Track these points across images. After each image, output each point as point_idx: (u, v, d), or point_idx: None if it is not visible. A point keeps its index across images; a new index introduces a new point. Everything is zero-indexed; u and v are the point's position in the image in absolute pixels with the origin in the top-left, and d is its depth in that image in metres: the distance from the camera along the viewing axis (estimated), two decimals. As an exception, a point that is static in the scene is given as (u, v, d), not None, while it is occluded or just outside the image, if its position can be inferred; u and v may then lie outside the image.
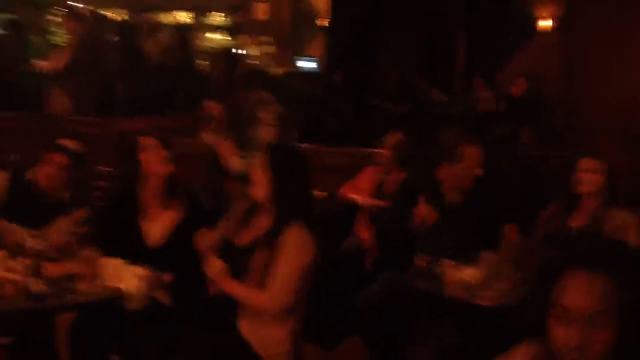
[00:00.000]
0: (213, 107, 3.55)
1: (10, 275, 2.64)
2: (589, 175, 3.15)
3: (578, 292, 1.43)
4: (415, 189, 3.56)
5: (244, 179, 3.12)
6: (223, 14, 10.62)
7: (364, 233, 4.43)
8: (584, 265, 1.45)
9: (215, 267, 2.69)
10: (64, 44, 6.00)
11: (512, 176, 4.39)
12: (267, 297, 2.62)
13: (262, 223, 2.74)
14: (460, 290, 2.73)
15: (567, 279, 1.45)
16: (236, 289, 2.67)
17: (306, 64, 9.75)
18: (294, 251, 2.61)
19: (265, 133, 3.67)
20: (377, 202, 4.33)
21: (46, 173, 3.24)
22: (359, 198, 4.44)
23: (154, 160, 3.15)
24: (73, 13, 6.11)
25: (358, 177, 4.73)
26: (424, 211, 3.27)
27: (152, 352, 2.75)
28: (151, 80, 6.38)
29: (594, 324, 1.42)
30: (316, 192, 4.54)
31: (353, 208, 4.57)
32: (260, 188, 2.70)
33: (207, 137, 3.61)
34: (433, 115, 8.26)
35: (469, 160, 3.33)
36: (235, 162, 3.61)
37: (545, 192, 3.68)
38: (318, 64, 9.15)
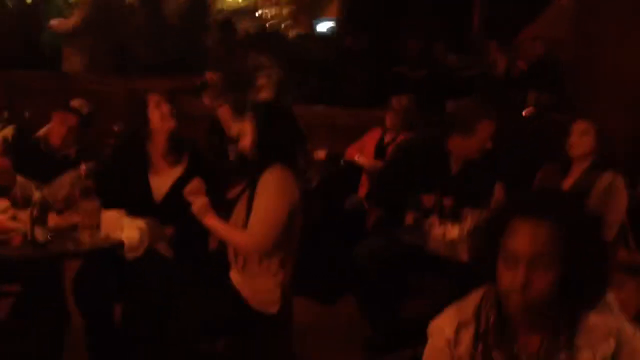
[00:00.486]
0: (210, 75, 3.63)
1: (16, 224, 2.79)
2: (581, 138, 3.21)
3: (523, 237, 1.53)
4: (415, 153, 3.59)
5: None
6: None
7: (365, 193, 4.54)
8: (529, 213, 1.54)
9: (198, 202, 2.79)
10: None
11: (517, 142, 4.43)
12: (246, 235, 2.72)
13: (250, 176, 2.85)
14: (442, 245, 2.82)
15: (515, 225, 1.55)
16: (218, 224, 2.78)
17: (324, 26, 9.72)
18: (273, 190, 2.71)
19: (263, 96, 3.74)
20: (377, 162, 4.42)
21: (56, 132, 3.36)
22: (361, 158, 4.53)
23: (158, 116, 3.25)
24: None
25: (364, 138, 4.81)
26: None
27: (151, 302, 2.87)
28: (167, 40, 6.45)
29: (537, 266, 1.51)
30: (319, 152, 4.67)
31: (358, 168, 4.66)
32: (246, 138, 2.83)
33: (207, 102, 3.70)
34: (448, 80, 8.26)
35: (482, 133, 3.34)
36: (232, 126, 3.70)
37: (545, 155, 3.71)
38: (335, 26, 9.12)
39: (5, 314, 3.20)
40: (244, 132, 2.88)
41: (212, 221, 2.78)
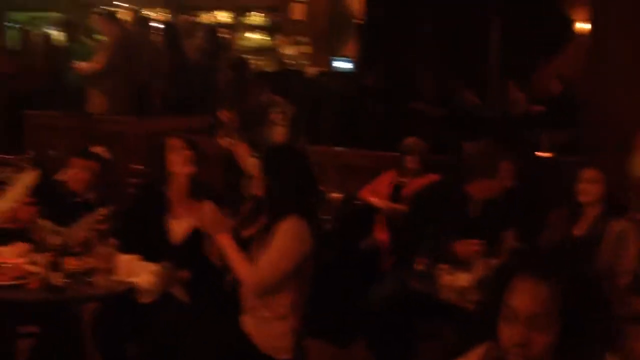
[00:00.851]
0: (223, 114, 3.71)
1: (34, 268, 2.86)
2: (590, 186, 3.22)
3: (523, 295, 1.56)
4: (434, 199, 3.60)
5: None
6: (262, 14, 10.82)
7: (381, 234, 4.57)
8: (530, 272, 1.58)
9: (211, 215, 2.83)
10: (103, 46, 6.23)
11: (532, 183, 4.43)
12: (251, 270, 2.75)
13: (264, 218, 2.91)
14: (452, 293, 2.84)
15: (516, 282, 1.58)
16: (230, 247, 2.79)
17: (342, 64, 9.85)
18: (286, 239, 2.74)
19: (277, 134, 3.82)
20: (392, 205, 4.46)
21: (75, 176, 3.45)
22: (376, 200, 4.57)
23: (178, 161, 3.31)
24: (108, 15, 6.34)
25: (378, 179, 4.85)
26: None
27: (164, 344, 2.91)
28: (187, 80, 6.60)
29: (536, 325, 1.54)
30: (335, 194, 4.72)
31: (373, 209, 4.69)
32: (257, 185, 2.88)
33: (222, 141, 3.76)
34: (467, 119, 8.30)
35: (504, 174, 3.36)
36: (249, 163, 3.74)
37: (557, 198, 3.72)
38: (353, 64, 9.25)
39: (25, 356, 3.25)
40: (256, 179, 2.94)
41: (225, 241, 2.80)
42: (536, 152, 5.86)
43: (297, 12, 10.16)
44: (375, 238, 4.58)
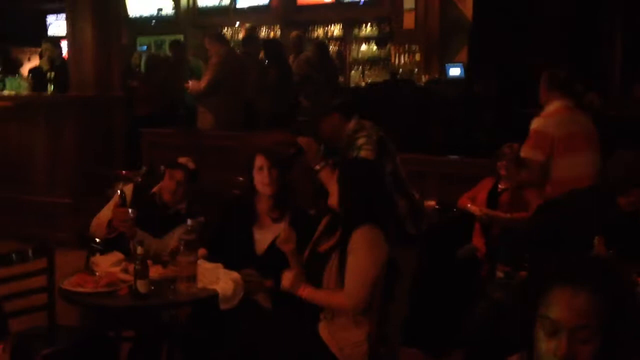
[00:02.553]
0: (302, 141, 3.74)
1: (126, 277, 3.05)
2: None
3: (564, 306, 1.49)
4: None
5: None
6: (373, 25, 10.87)
7: (478, 242, 4.46)
8: (570, 281, 1.50)
9: (286, 279, 2.95)
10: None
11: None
12: (343, 296, 2.84)
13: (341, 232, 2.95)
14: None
15: (555, 293, 1.50)
16: (313, 293, 2.91)
17: (455, 71, 9.70)
18: (364, 250, 2.82)
19: (363, 155, 3.80)
20: (489, 212, 4.35)
21: (166, 187, 3.63)
22: (473, 207, 4.47)
23: (261, 181, 3.38)
24: (215, 36, 6.61)
25: (477, 186, 4.75)
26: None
27: (245, 349, 3.00)
28: (291, 94, 6.76)
29: (578, 337, 1.47)
30: (430, 202, 4.66)
31: (471, 217, 4.60)
32: (333, 197, 2.96)
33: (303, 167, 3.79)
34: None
35: None
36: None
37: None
38: (464, 71, 9.08)
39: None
40: (331, 192, 2.99)
41: (306, 292, 2.93)
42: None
43: (408, 21, 10.11)
44: (472, 246, 4.48)
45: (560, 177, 4.16)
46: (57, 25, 13.24)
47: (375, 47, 10.91)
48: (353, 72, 10.82)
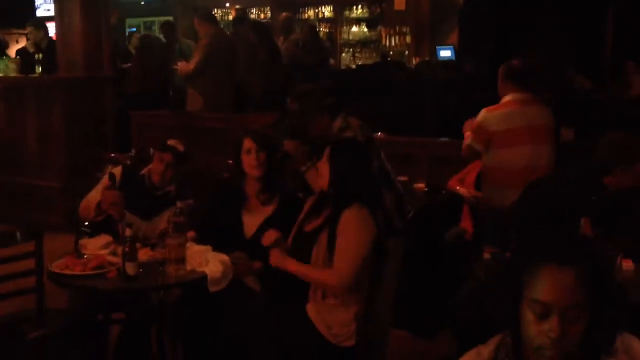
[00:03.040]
0: (288, 145, 3.74)
1: (115, 259, 3.05)
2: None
3: (553, 287, 1.48)
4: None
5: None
6: (363, 7, 10.82)
7: (467, 224, 4.48)
8: (556, 261, 1.49)
9: (274, 255, 2.98)
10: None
11: None
12: (331, 274, 2.85)
13: (328, 211, 2.96)
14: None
15: (542, 274, 1.50)
16: (300, 268, 2.93)
17: (446, 53, 9.68)
18: (353, 229, 2.84)
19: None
20: (476, 193, 4.36)
21: (155, 169, 3.63)
22: (462, 189, 4.49)
23: (249, 163, 3.39)
24: (204, 16, 6.55)
25: (467, 169, 4.76)
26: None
27: (235, 330, 3.01)
28: (280, 76, 6.70)
29: (569, 316, 1.47)
30: (419, 184, 4.67)
31: (460, 199, 4.61)
32: (323, 178, 2.97)
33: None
34: (577, 104, 7.95)
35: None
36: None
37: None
38: (453, 53, 9.06)
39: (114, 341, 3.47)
40: (321, 172, 3.00)
41: (294, 267, 2.95)
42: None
43: (399, 2, 10.07)
44: (461, 228, 4.50)
45: (493, 168, 4.25)
46: (45, 6, 13.10)
47: (366, 29, 10.87)
48: (344, 54, 10.79)
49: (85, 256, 3.08)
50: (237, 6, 10.42)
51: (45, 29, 7.63)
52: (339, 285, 2.85)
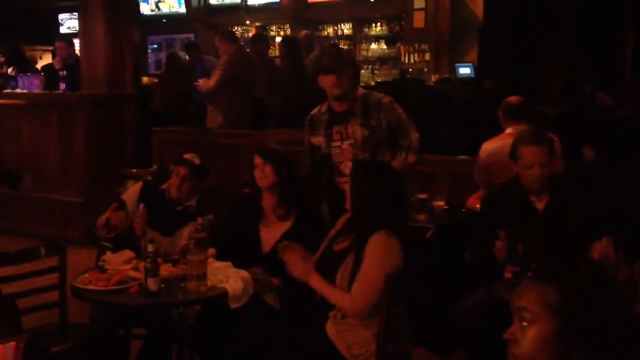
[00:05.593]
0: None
1: (137, 274, 3.08)
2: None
3: (517, 293, 1.59)
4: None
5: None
6: (382, 24, 10.88)
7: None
8: (538, 276, 1.60)
9: (298, 268, 2.96)
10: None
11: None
12: (348, 299, 2.83)
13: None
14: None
15: (528, 285, 1.60)
16: (322, 286, 2.92)
17: (465, 70, 9.69)
18: (377, 257, 2.81)
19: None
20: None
21: (173, 183, 3.67)
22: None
23: (257, 176, 3.49)
24: (224, 34, 6.63)
25: (486, 186, 4.75)
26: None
27: (254, 347, 3.03)
28: (305, 92, 6.74)
29: (523, 317, 1.55)
30: (439, 202, 4.66)
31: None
32: (349, 200, 2.95)
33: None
34: (597, 120, 7.92)
35: (524, 159, 3.27)
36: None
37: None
38: (473, 70, 9.07)
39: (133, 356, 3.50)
40: (347, 194, 3.00)
41: (316, 283, 2.93)
42: None
43: (418, 19, 10.11)
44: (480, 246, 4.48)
45: None
46: (69, 23, 13.33)
47: (385, 46, 10.91)
48: (363, 71, 10.82)
49: (108, 271, 3.12)
50: (257, 24, 10.53)
51: (74, 46, 7.76)
52: (352, 312, 2.85)
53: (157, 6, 12.51)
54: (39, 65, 9.36)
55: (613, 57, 9.04)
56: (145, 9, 12.60)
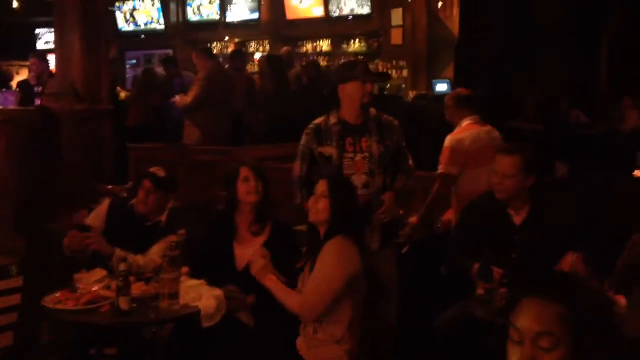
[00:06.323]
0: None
1: (109, 293, 3.05)
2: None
3: (528, 315, 1.53)
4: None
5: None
6: (360, 41, 10.95)
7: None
8: (535, 292, 1.55)
9: (257, 264, 3.00)
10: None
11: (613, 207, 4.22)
12: (299, 299, 2.86)
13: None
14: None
15: (522, 304, 1.56)
16: (275, 286, 2.94)
17: (442, 87, 9.77)
18: (332, 260, 2.84)
19: None
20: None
21: (139, 197, 3.65)
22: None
23: (245, 190, 3.45)
24: (202, 50, 6.64)
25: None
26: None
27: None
28: (289, 108, 6.76)
29: (541, 344, 1.50)
30: (413, 218, 4.68)
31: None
32: (322, 213, 2.96)
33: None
34: (571, 137, 8.01)
35: (495, 165, 3.37)
36: None
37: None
38: (450, 87, 9.14)
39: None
40: (320, 207, 3.00)
41: (270, 282, 2.95)
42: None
43: (396, 37, 10.19)
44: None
45: (470, 191, 4.29)
46: (47, 37, 13.25)
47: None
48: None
49: (79, 290, 3.08)
50: (236, 40, 10.53)
51: (47, 61, 7.71)
52: (302, 312, 2.86)
53: (132, 15, 12.45)
54: (15, 81, 9.28)
55: (588, 74, 9.15)
56: (120, 19, 12.53)
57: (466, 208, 3.72)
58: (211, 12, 11.78)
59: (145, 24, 12.45)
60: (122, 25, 12.56)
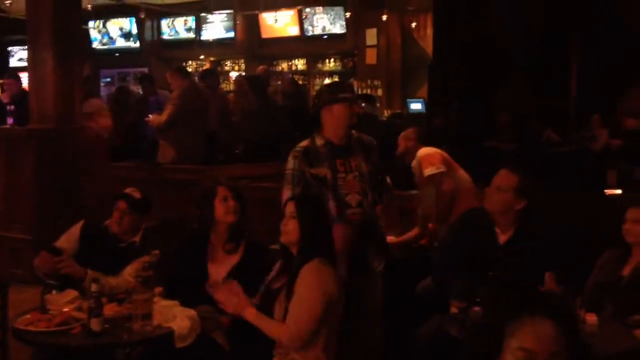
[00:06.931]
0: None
1: (80, 315, 3.01)
2: (635, 226, 3.07)
3: (536, 337, 1.57)
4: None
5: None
6: (336, 60, 11.03)
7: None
8: (537, 313, 1.59)
9: (231, 303, 2.96)
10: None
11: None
12: (284, 329, 2.84)
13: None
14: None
15: (525, 325, 1.59)
16: (258, 318, 2.92)
17: (416, 106, 9.86)
18: (309, 286, 2.84)
19: None
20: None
21: (113, 218, 3.63)
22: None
23: (222, 210, 3.44)
24: (177, 69, 6.64)
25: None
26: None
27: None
28: (272, 125, 6.77)
29: None
30: (390, 237, 4.69)
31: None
32: (292, 234, 2.97)
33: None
34: (544, 155, 8.13)
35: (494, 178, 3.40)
36: None
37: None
38: (424, 106, 9.24)
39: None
40: (290, 228, 3.01)
41: (251, 317, 2.93)
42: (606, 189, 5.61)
43: (370, 56, 10.29)
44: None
45: (457, 191, 4.54)
46: (20, 54, 13.15)
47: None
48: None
49: (50, 312, 3.04)
50: (212, 58, 10.55)
51: (20, 80, 7.64)
52: (290, 341, 2.85)
53: (104, 26, 12.38)
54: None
55: (559, 94, 9.30)
56: (93, 33, 12.45)
57: (457, 220, 3.74)
58: (186, 31, 11.79)
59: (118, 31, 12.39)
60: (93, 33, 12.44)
